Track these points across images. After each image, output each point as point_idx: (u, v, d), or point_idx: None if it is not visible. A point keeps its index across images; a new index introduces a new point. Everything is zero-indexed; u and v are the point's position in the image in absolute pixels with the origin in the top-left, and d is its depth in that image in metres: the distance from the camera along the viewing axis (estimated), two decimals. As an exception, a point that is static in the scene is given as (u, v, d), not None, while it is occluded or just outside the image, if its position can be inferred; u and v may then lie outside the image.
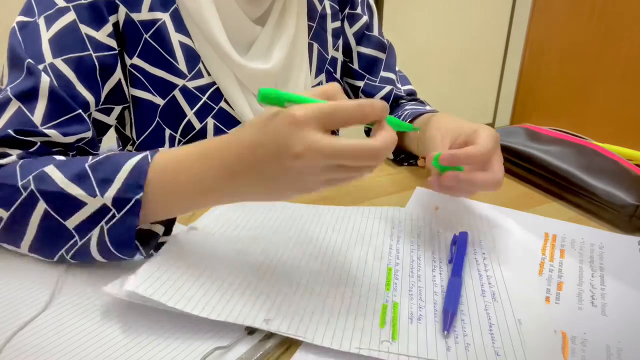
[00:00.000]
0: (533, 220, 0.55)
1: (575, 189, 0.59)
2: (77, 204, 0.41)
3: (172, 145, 0.65)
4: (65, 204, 0.41)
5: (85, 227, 0.41)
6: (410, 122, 0.71)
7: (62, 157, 0.47)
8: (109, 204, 0.41)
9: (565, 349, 0.36)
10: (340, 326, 0.37)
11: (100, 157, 0.43)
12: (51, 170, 0.43)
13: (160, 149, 0.43)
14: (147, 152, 0.42)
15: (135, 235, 0.41)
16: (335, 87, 0.39)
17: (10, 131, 0.47)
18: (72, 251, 0.42)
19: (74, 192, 0.41)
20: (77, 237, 0.42)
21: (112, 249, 0.41)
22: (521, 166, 0.66)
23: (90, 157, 0.44)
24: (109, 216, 0.41)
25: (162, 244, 0.45)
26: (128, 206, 0.40)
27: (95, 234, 0.41)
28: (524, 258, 0.48)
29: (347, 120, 0.36)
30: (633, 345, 0.37)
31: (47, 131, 0.49)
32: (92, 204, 0.41)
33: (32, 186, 0.42)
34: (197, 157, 0.40)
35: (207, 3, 0.58)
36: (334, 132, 0.80)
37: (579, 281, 0.44)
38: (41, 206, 0.42)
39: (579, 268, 0.47)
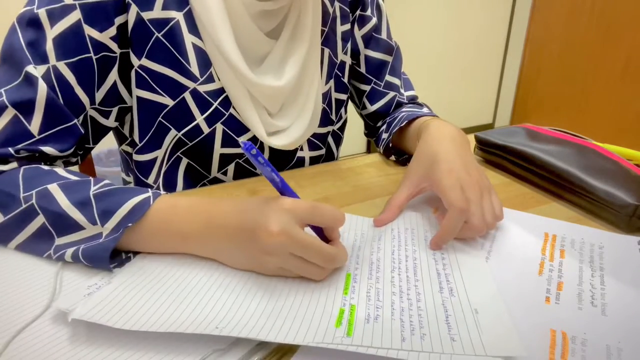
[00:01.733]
0: (533, 220, 0.55)
1: (575, 189, 0.59)
2: (75, 227, 0.44)
3: (174, 148, 0.65)
4: (63, 224, 0.44)
5: (71, 245, 0.44)
6: (406, 125, 0.72)
7: (64, 173, 0.49)
8: (105, 233, 0.44)
9: (565, 348, 0.36)
10: (295, 326, 0.37)
11: (105, 188, 0.46)
12: (55, 189, 0.46)
13: (162, 193, 0.47)
14: (150, 194, 0.46)
15: (109, 256, 0.42)
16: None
17: (11, 150, 0.50)
18: (54, 257, 0.45)
19: (75, 216, 0.44)
20: (59, 250, 0.45)
21: (83, 262, 0.43)
22: (521, 166, 0.66)
23: (93, 183, 0.47)
24: (94, 241, 0.43)
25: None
26: (116, 234, 0.43)
27: (71, 250, 0.44)
28: (524, 258, 0.48)
29: (321, 224, 0.43)
30: (633, 345, 0.37)
31: (43, 148, 0.52)
32: (90, 230, 0.44)
33: (34, 200, 0.45)
34: (187, 209, 0.45)
35: (218, 13, 0.57)
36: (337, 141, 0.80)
37: (579, 281, 0.44)
38: (40, 220, 0.45)
39: (579, 268, 0.47)
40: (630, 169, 0.58)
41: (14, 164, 0.50)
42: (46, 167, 0.50)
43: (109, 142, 0.74)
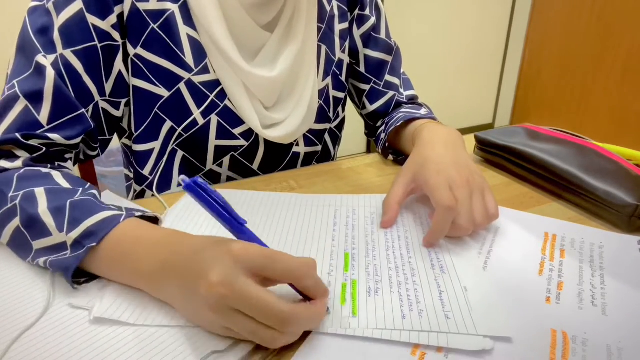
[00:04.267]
0: (533, 220, 0.55)
1: (575, 189, 0.59)
2: (44, 232, 0.43)
3: (171, 140, 0.65)
4: (35, 227, 0.43)
5: (44, 253, 0.43)
6: (403, 126, 0.72)
7: (59, 179, 0.48)
8: (69, 243, 0.42)
9: (565, 348, 0.36)
10: None
11: (84, 197, 0.45)
12: (40, 193, 0.45)
13: (132, 217, 0.43)
14: (123, 212, 0.43)
15: (72, 274, 0.40)
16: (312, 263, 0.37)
17: (18, 135, 0.50)
18: (26, 261, 0.45)
19: (47, 221, 0.43)
20: (34, 256, 0.44)
21: (51, 272, 0.43)
22: (521, 166, 0.66)
23: (80, 193, 0.46)
24: (61, 253, 0.42)
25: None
26: (80, 252, 0.41)
27: (41, 259, 0.43)
28: (524, 258, 0.48)
29: (278, 277, 0.35)
30: (634, 345, 0.37)
31: (51, 135, 0.52)
32: (56, 237, 0.42)
33: (18, 201, 0.44)
34: (149, 243, 0.40)
35: (212, 6, 0.58)
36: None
37: (579, 281, 0.44)
38: (16, 221, 0.44)
39: (579, 268, 0.47)
40: (630, 169, 0.58)
41: (19, 163, 0.50)
42: (45, 170, 0.50)
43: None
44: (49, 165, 0.53)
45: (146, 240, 0.41)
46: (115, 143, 0.75)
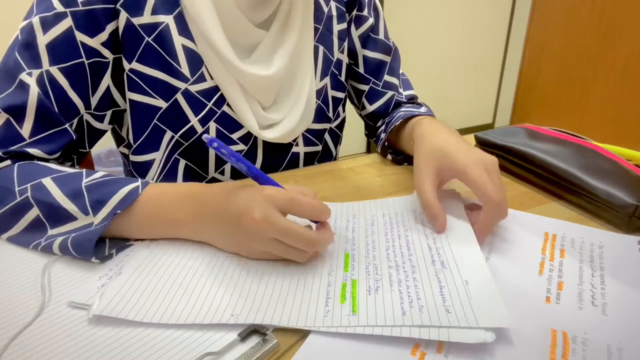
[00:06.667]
0: (533, 220, 0.55)
1: (575, 189, 0.59)
2: (68, 217, 0.46)
3: (172, 149, 0.65)
4: (57, 215, 0.46)
5: (61, 234, 0.46)
6: (402, 124, 0.72)
7: (57, 167, 0.50)
8: (96, 222, 0.45)
9: (565, 348, 0.36)
10: (304, 309, 0.39)
11: (97, 179, 0.48)
12: (49, 183, 0.47)
13: (150, 182, 0.48)
14: (139, 183, 0.48)
15: (94, 244, 0.44)
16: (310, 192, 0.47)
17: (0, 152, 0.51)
18: (39, 247, 0.46)
19: (68, 207, 0.46)
20: (49, 239, 0.46)
21: (71, 251, 0.44)
22: (521, 166, 0.66)
23: (85, 175, 0.48)
24: (85, 230, 0.45)
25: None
26: (105, 223, 0.45)
27: (60, 238, 0.45)
28: (524, 258, 0.48)
29: (301, 214, 0.45)
30: (634, 345, 0.37)
31: (31, 151, 0.53)
32: (82, 220, 0.46)
33: (29, 193, 0.47)
34: (176, 196, 0.47)
35: (207, 7, 0.58)
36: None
37: (579, 281, 0.44)
38: (34, 212, 0.47)
39: (579, 268, 0.47)
40: (630, 169, 0.58)
41: (8, 162, 0.51)
42: (40, 162, 0.52)
43: (109, 142, 0.74)
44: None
45: (172, 194, 0.47)
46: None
